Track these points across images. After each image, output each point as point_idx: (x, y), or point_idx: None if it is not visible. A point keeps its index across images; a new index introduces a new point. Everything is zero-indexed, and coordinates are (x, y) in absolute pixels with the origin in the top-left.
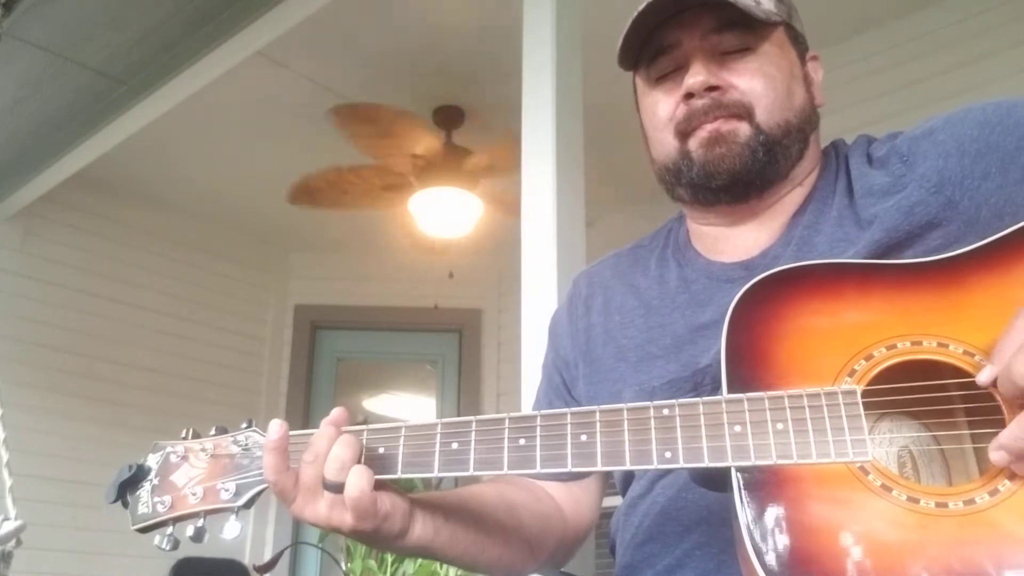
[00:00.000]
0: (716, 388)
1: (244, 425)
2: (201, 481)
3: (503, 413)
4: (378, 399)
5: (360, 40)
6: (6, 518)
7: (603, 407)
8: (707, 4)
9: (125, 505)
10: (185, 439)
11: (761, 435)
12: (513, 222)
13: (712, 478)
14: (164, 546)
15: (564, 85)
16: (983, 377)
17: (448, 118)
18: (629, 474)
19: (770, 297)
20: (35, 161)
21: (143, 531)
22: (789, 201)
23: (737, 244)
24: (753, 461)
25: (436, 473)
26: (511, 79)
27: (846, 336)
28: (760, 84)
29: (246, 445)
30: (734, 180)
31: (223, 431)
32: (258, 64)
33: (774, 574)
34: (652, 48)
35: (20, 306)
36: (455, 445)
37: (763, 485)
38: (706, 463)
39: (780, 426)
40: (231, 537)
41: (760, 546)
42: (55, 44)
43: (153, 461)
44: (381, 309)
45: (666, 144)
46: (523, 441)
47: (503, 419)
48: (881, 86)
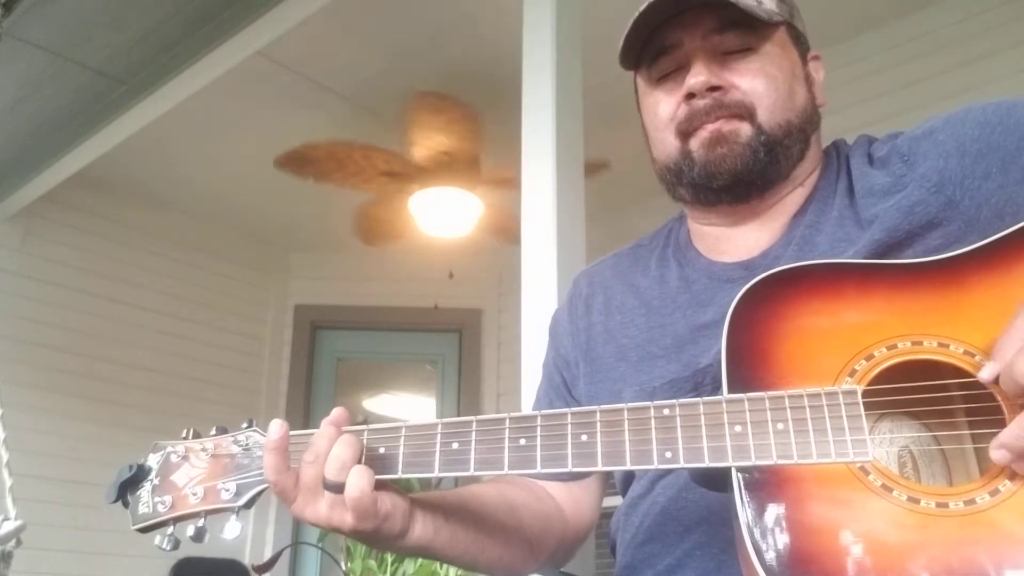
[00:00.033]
0: (716, 388)
1: (244, 425)
2: (202, 481)
3: (503, 413)
4: (378, 399)
5: (360, 40)
6: (6, 518)
7: (603, 407)
8: (708, 4)
9: (126, 505)
10: (185, 439)
11: (762, 435)
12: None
13: (712, 478)
14: (164, 546)
15: (564, 85)
16: (985, 373)
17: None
18: (629, 474)
19: (771, 297)
20: (35, 161)
21: (144, 531)
22: (790, 201)
23: (738, 244)
24: (754, 461)
25: (437, 473)
26: (511, 79)
27: (846, 336)
28: (762, 84)
29: (246, 445)
30: (735, 180)
31: (223, 431)
32: (258, 64)
33: (774, 574)
34: (653, 48)
35: (20, 306)
36: (455, 445)
37: (763, 485)
38: (707, 463)
39: (780, 426)
40: (231, 537)
41: (760, 546)
42: (55, 44)
43: (153, 461)
44: (381, 309)
45: (667, 144)
46: (523, 441)
47: (503, 419)
48: (881, 86)
